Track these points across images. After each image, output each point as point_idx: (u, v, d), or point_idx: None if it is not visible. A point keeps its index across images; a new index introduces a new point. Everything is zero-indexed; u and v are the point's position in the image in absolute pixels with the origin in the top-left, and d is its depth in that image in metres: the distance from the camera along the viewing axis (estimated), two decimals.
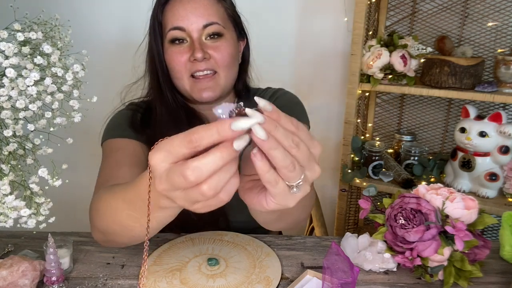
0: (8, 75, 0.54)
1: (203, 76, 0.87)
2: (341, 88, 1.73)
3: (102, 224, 0.69)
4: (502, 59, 1.29)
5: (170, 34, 0.86)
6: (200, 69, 0.86)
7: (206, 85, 0.87)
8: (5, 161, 0.57)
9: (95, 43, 1.68)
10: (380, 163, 1.50)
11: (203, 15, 0.85)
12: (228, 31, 0.89)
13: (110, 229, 0.67)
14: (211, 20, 0.86)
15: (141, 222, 0.55)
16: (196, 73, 0.87)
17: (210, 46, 0.87)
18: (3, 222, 0.57)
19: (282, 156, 0.41)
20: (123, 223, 0.61)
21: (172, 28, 0.86)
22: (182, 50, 0.86)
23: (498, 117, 1.27)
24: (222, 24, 0.88)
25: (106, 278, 0.77)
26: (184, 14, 0.85)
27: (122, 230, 0.63)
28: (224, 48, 0.87)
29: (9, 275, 0.69)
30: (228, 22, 0.91)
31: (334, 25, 1.65)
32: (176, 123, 0.90)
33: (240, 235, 0.90)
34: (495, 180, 1.31)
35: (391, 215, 0.79)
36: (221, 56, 0.87)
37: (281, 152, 0.41)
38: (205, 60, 0.85)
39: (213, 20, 0.86)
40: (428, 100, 1.64)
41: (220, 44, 0.87)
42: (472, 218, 0.76)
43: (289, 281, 0.77)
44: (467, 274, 0.74)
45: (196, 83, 0.87)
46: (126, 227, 0.61)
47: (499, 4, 1.43)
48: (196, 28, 0.85)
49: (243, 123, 0.40)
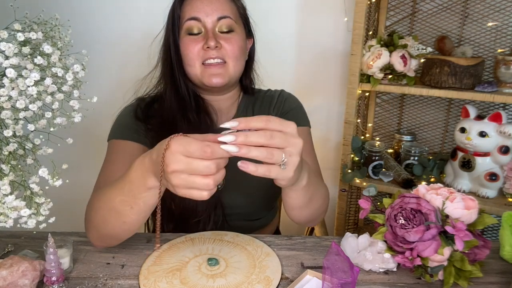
0: (8, 75, 0.54)
1: (214, 63, 0.93)
2: (341, 88, 1.73)
3: (98, 217, 0.77)
4: (502, 59, 1.29)
5: (187, 24, 0.93)
6: (212, 57, 0.92)
7: (216, 72, 0.93)
8: (5, 161, 0.57)
9: (95, 43, 1.68)
10: (380, 163, 1.50)
11: (218, 9, 0.93)
12: (239, 27, 0.97)
13: (105, 219, 0.75)
14: (225, 14, 0.93)
15: (131, 204, 0.69)
16: (208, 60, 0.93)
17: (223, 37, 0.94)
18: (3, 222, 0.57)
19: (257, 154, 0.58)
20: (117, 209, 0.72)
21: (188, 19, 0.93)
22: (197, 39, 0.93)
23: (498, 117, 1.27)
24: (234, 20, 0.95)
25: (106, 278, 0.77)
26: (201, 7, 0.93)
27: (116, 217, 0.73)
28: (235, 41, 0.94)
29: (9, 275, 0.69)
30: (239, 19, 0.99)
31: (334, 25, 1.65)
32: (185, 111, 0.96)
33: (240, 235, 0.90)
34: (495, 180, 1.31)
35: (391, 215, 0.79)
36: (232, 47, 0.93)
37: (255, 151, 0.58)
38: (217, 49, 0.92)
39: (227, 14, 0.94)
40: (428, 100, 1.64)
41: (232, 37, 0.94)
42: (472, 218, 0.76)
43: (289, 281, 0.77)
44: (467, 274, 0.74)
45: (207, 69, 0.94)
46: (119, 212, 0.72)
47: (499, 4, 1.43)
48: (210, 20, 0.93)
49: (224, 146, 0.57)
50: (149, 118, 0.97)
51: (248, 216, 1.03)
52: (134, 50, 1.69)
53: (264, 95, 1.10)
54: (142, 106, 1.00)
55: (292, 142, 0.60)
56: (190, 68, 0.95)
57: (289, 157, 0.61)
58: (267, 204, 1.08)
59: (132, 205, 0.70)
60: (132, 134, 0.94)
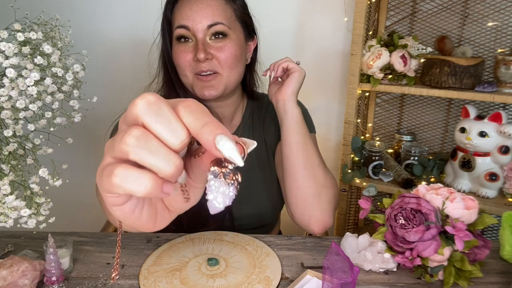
0: (8, 75, 0.54)
1: (206, 75, 0.89)
2: (341, 88, 1.73)
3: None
4: (502, 59, 1.29)
5: (177, 32, 0.89)
6: (203, 70, 0.88)
7: (208, 84, 0.90)
8: (5, 161, 0.57)
9: (95, 43, 1.68)
10: (380, 163, 1.50)
11: (208, 16, 0.87)
12: (234, 32, 0.91)
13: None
14: (216, 21, 0.87)
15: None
16: (200, 73, 0.89)
17: (214, 46, 0.88)
18: (3, 222, 0.57)
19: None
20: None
21: (178, 26, 0.89)
22: (187, 49, 0.89)
23: (498, 117, 1.27)
24: (228, 25, 0.89)
25: (106, 278, 0.77)
26: (190, 14, 0.87)
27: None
28: (228, 49, 0.89)
29: (9, 275, 0.69)
30: (236, 23, 0.93)
31: (334, 25, 1.65)
32: None
33: (240, 235, 0.90)
34: (495, 180, 1.31)
35: (391, 215, 0.79)
36: (224, 56, 0.89)
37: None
38: (208, 61, 0.87)
39: (218, 20, 0.88)
40: (428, 100, 1.64)
41: (224, 45, 0.89)
42: (472, 218, 0.76)
43: (289, 281, 0.77)
44: (467, 274, 0.74)
45: (199, 81, 0.90)
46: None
47: (499, 4, 1.42)
48: (201, 28, 0.87)
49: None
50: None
51: (256, 224, 1.02)
52: (134, 50, 1.69)
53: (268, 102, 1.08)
54: None
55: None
56: (184, 78, 0.93)
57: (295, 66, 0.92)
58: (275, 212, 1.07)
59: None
60: None
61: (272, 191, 1.02)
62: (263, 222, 1.03)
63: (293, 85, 0.92)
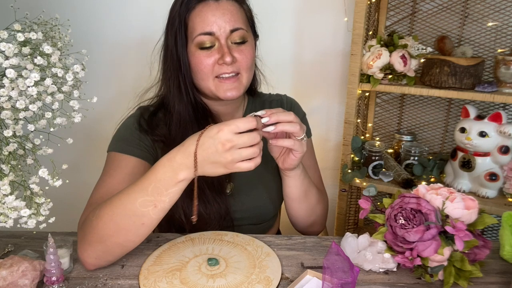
0: (8, 76, 0.54)
1: (228, 77, 0.92)
2: (341, 88, 1.73)
3: (110, 226, 0.74)
4: (502, 59, 1.29)
5: (199, 38, 0.90)
6: (227, 72, 0.91)
7: (231, 86, 0.92)
8: (5, 161, 0.57)
9: (95, 43, 1.68)
10: (380, 163, 1.50)
11: (230, 21, 0.90)
12: (249, 35, 0.95)
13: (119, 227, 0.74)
14: (237, 26, 0.90)
15: (155, 203, 0.73)
16: (222, 75, 0.91)
17: (236, 49, 0.91)
18: (3, 222, 0.57)
19: (289, 127, 0.77)
20: (137, 211, 0.73)
21: (201, 33, 0.89)
22: (210, 54, 0.90)
23: (498, 117, 1.27)
24: (245, 29, 0.93)
25: (106, 278, 0.77)
26: (214, 20, 0.89)
27: (134, 220, 0.74)
28: (248, 52, 0.93)
29: (9, 275, 0.69)
30: (248, 25, 0.96)
31: (334, 25, 1.65)
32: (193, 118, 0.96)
33: (240, 235, 0.90)
34: (495, 180, 1.31)
35: (391, 215, 0.79)
36: (246, 59, 0.92)
37: (288, 125, 0.77)
38: (232, 64, 0.90)
39: (239, 25, 0.91)
40: (428, 100, 1.64)
41: (245, 48, 0.93)
42: (472, 218, 0.76)
43: (289, 281, 0.77)
44: (467, 274, 0.74)
45: (221, 83, 0.92)
46: (139, 215, 0.73)
47: (499, 4, 1.42)
48: (224, 33, 0.90)
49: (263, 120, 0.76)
50: (154, 129, 0.95)
51: (255, 219, 1.03)
52: (134, 50, 1.69)
53: (270, 99, 1.10)
54: (145, 116, 0.97)
55: (300, 124, 0.79)
56: (203, 82, 0.93)
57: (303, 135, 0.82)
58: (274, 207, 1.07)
59: (156, 203, 0.73)
60: (133, 149, 0.91)
61: (271, 187, 1.03)
62: (263, 218, 1.04)
63: (299, 161, 0.89)
